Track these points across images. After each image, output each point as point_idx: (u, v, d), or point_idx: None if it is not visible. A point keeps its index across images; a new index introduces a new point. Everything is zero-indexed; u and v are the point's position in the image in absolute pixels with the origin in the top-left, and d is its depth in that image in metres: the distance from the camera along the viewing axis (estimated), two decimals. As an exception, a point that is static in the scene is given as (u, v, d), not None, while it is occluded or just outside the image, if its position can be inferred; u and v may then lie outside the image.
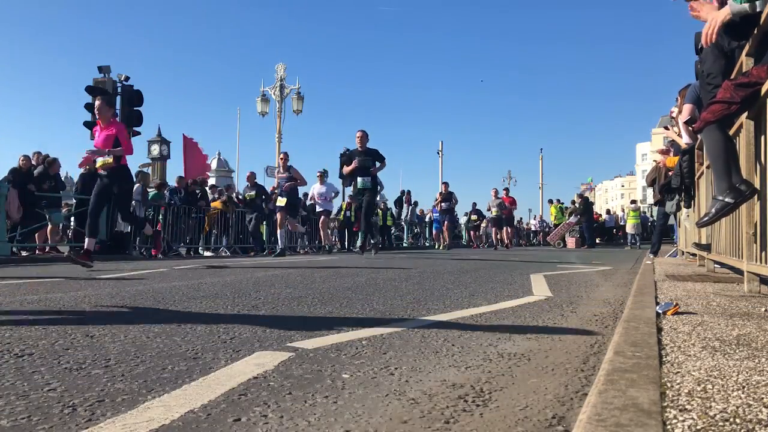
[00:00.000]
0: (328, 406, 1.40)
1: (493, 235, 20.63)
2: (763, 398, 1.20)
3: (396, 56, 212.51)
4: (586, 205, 23.34)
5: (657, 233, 9.86)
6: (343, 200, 19.86)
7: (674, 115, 7.34)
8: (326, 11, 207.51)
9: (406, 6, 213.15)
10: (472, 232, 23.90)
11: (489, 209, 20.56)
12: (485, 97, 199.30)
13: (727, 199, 3.11)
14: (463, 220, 26.48)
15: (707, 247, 5.49)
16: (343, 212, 18.59)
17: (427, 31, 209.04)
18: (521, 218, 35.95)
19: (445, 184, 18.82)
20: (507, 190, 21.97)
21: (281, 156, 12.04)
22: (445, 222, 18.85)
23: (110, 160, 6.34)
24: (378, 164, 10.31)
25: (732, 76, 3.51)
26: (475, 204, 23.93)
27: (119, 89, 12.30)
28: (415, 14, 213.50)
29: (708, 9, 3.17)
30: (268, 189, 14.93)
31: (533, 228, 34.61)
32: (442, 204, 18.54)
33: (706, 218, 3.33)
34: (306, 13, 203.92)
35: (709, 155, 3.34)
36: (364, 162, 10.05)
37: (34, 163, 10.68)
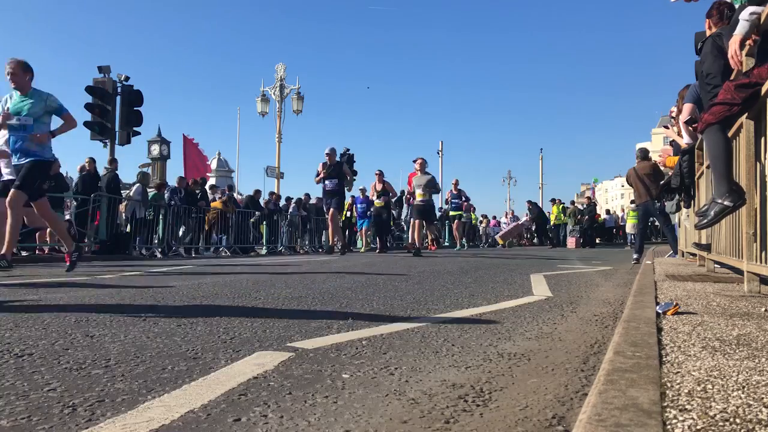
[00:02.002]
0: (328, 406, 1.40)
1: (416, 231, 12.24)
2: (763, 398, 1.20)
3: (396, 56, 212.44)
4: (540, 212, 23.78)
5: (639, 235, 9.74)
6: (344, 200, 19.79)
7: (674, 114, 7.34)
8: (327, 11, 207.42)
9: (398, 5, 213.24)
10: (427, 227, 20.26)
11: (412, 191, 12.68)
12: (485, 97, 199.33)
13: (726, 203, 3.12)
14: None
15: (707, 247, 5.49)
16: (344, 212, 18.49)
17: (425, 30, 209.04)
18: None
19: (330, 152, 11.93)
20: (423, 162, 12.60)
21: None
22: (330, 210, 12.23)
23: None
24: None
25: (732, 77, 3.51)
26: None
27: (119, 89, 12.30)
28: (412, 12, 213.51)
29: (731, 42, 3.23)
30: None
31: (504, 226, 30.76)
32: (326, 182, 11.97)
33: (705, 221, 3.33)
34: (306, 12, 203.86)
35: (710, 157, 3.34)
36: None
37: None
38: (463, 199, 19.16)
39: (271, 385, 1.58)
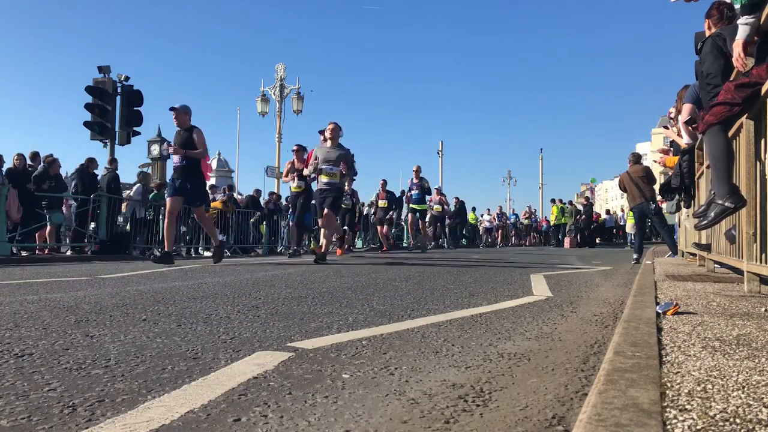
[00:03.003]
0: (328, 406, 1.40)
1: (326, 226, 8.56)
2: (763, 398, 1.20)
3: (396, 56, 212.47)
4: (461, 209, 22.45)
5: (638, 236, 9.80)
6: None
7: (672, 115, 7.34)
8: (327, 11, 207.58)
9: (396, 5, 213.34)
10: (379, 227, 16.04)
11: (316, 168, 8.47)
12: (485, 97, 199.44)
13: (726, 204, 3.12)
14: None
15: (707, 247, 5.49)
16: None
17: (425, 30, 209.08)
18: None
19: (179, 109, 7.74)
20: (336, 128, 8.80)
21: None
22: (169, 199, 7.95)
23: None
24: None
25: (732, 77, 3.51)
26: (384, 183, 16.04)
27: (119, 89, 12.30)
28: (412, 12, 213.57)
29: (735, 45, 3.26)
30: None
31: (487, 224, 27.89)
32: (174, 156, 7.65)
33: (706, 222, 3.33)
34: (306, 12, 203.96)
35: (711, 158, 3.34)
36: None
37: (31, 162, 10.66)
38: (426, 188, 15.33)
39: (271, 385, 1.58)
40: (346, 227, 9.83)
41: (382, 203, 15.69)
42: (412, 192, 15.02)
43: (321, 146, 8.54)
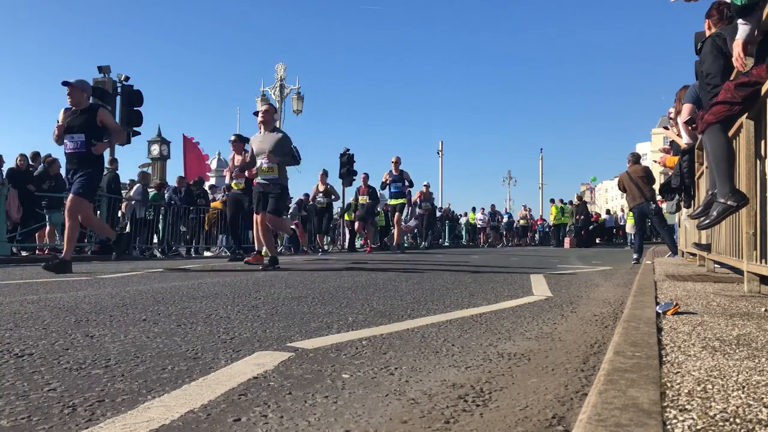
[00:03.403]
0: (328, 406, 1.40)
1: (260, 229, 7.14)
2: (763, 398, 1.20)
3: (396, 56, 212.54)
4: (432, 205, 21.16)
5: (638, 236, 9.79)
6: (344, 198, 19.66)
7: (672, 115, 7.34)
8: (327, 11, 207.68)
9: (395, 5, 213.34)
10: (357, 224, 14.75)
11: (247, 161, 7.47)
12: (485, 97, 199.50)
13: (729, 202, 3.12)
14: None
15: (707, 247, 5.49)
16: (351, 212, 18.20)
17: (424, 30, 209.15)
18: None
19: (75, 84, 6.66)
20: (270, 110, 7.35)
21: None
22: (70, 195, 6.69)
23: None
24: None
25: (732, 76, 3.51)
26: (366, 176, 14.65)
27: (119, 89, 12.30)
28: (411, 12, 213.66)
29: (735, 45, 3.27)
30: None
31: (479, 224, 26.61)
32: (66, 139, 6.35)
33: (708, 221, 3.33)
34: (306, 12, 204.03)
35: (712, 158, 3.34)
36: None
37: (32, 162, 10.66)
38: (407, 183, 13.60)
39: (271, 385, 1.58)
40: (294, 226, 7.72)
41: (363, 199, 14.36)
42: (391, 186, 13.46)
43: (255, 135, 7.20)
